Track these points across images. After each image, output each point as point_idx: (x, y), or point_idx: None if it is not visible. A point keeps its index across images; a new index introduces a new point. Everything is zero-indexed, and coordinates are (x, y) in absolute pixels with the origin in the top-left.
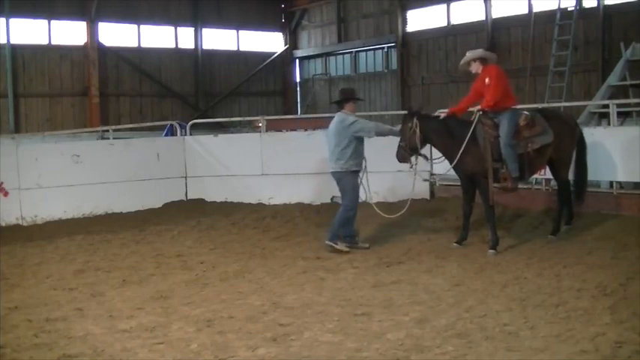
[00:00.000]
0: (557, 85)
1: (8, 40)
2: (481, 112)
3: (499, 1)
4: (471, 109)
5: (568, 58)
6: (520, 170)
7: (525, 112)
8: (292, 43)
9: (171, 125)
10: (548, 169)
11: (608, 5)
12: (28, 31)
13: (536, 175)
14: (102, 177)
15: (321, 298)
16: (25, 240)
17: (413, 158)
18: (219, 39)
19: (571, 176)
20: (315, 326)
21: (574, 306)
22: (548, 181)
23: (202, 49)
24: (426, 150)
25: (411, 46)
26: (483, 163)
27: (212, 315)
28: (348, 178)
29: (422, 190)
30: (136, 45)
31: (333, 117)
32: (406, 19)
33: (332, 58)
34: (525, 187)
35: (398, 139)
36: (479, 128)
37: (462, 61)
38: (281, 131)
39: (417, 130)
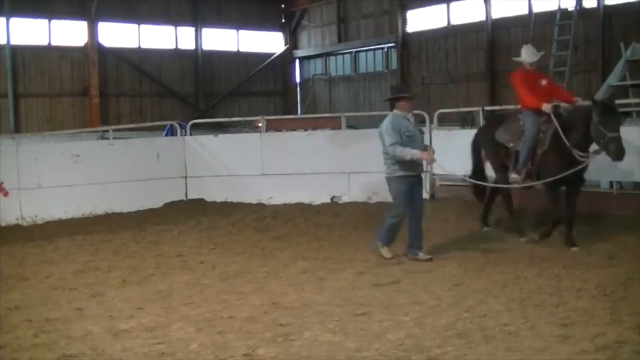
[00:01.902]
0: (557, 85)
1: (8, 40)
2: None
3: (499, 1)
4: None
5: (568, 58)
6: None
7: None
8: (292, 43)
9: (171, 125)
10: None
11: (608, 5)
12: (28, 31)
13: None
14: (102, 177)
15: (321, 298)
16: (25, 240)
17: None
18: (219, 39)
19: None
20: (315, 326)
21: (574, 306)
22: None
23: (202, 49)
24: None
25: (411, 46)
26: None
27: (212, 315)
28: (392, 184)
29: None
30: (136, 45)
31: (333, 117)
32: (406, 19)
33: (332, 58)
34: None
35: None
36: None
37: (539, 56)
38: (281, 131)
39: None
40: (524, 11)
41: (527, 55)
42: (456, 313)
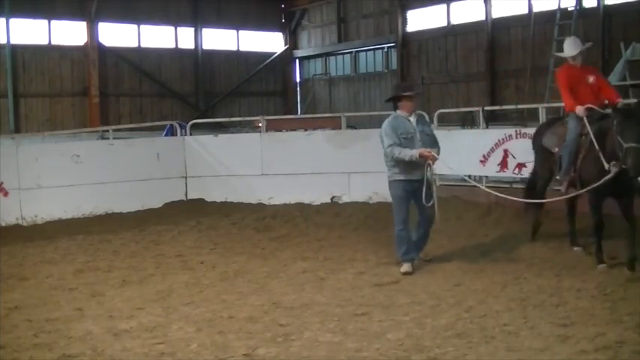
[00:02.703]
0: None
1: (8, 40)
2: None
3: (499, 1)
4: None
5: None
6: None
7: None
8: (292, 43)
9: (171, 125)
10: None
11: (608, 5)
12: (28, 31)
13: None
14: (102, 177)
15: (321, 298)
16: (25, 240)
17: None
18: (219, 39)
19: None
20: (315, 326)
21: (574, 306)
22: None
23: (202, 49)
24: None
25: (411, 46)
26: None
27: (212, 315)
28: (391, 188)
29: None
30: (136, 45)
31: (333, 117)
32: (406, 19)
33: (332, 58)
34: (524, 187)
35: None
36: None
37: (582, 48)
38: (281, 131)
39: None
40: (524, 11)
41: (569, 48)
42: (456, 313)
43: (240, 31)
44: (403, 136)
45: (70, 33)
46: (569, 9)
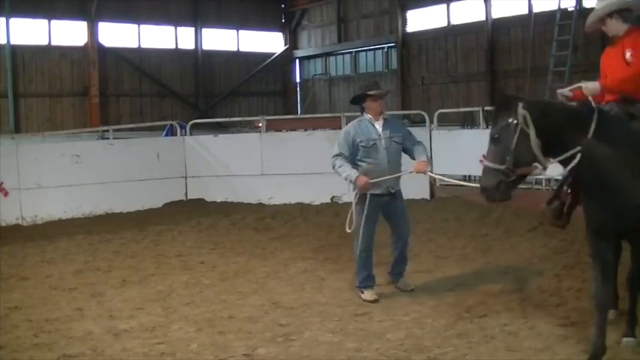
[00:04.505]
0: (557, 85)
1: (8, 40)
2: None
3: (499, 1)
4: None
5: (568, 58)
6: None
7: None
8: (292, 43)
9: (171, 125)
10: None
11: None
12: (28, 31)
13: (535, 175)
14: (102, 177)
15: (321, 298)
16: (25, 240)
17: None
18: (219, 39)
19: None
20: (315, 326)
21: (574, 306)
22: (548, 181)
23: (202, 49)
24: None
25: (411, 46)
26: None
27: (212, 315)
28: (355, 205)
29: (422, 190)
30: (136, 45)
31: (333, 117)
32: (406, 19)
33: (332, 58)
34: (525, 187)
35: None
36: None
37: (592, 18)
38: (281, 131)
39: (531, 131)
40: (524, 11)
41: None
42: (456, 313)
43: (240, 31)
44: (363, 144)
45: (70, 33)
46: (569, 9)
